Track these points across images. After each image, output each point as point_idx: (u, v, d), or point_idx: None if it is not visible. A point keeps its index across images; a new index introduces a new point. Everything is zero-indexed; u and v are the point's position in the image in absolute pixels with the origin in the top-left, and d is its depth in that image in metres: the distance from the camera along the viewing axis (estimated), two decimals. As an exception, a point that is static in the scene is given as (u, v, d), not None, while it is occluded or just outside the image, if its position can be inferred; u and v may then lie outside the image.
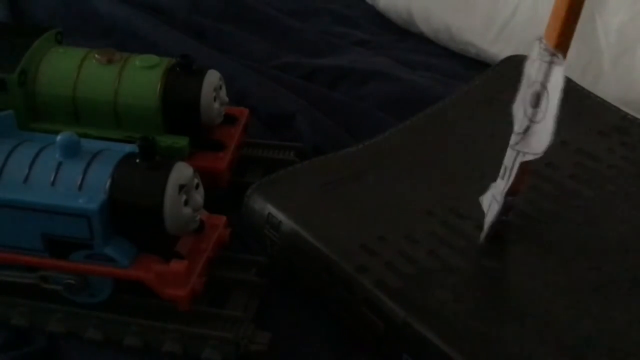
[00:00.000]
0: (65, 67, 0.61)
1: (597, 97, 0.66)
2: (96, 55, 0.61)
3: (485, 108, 0.65)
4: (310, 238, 0.52)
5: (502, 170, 0.50)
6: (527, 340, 0.46)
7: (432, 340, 0.46)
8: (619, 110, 0.65)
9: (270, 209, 0.55)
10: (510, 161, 0.49)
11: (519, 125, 0.48)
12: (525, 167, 0.48)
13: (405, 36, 0.93)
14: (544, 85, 0.45)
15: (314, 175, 0.58)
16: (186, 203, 0.49)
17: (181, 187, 0.49)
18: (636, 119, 0.64)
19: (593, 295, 0.49)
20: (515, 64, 0.70)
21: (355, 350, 0.52)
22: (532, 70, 0.46)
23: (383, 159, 0.60)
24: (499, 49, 0.81)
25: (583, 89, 0.67)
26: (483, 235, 0.52)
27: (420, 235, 0.53)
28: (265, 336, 0.51)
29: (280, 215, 0.54)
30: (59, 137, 0.50)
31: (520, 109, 0.47)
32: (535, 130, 0.47)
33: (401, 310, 0.48)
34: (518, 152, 0.48)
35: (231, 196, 0.60)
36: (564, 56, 0.44)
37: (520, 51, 0.72)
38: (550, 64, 0.45)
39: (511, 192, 0.50)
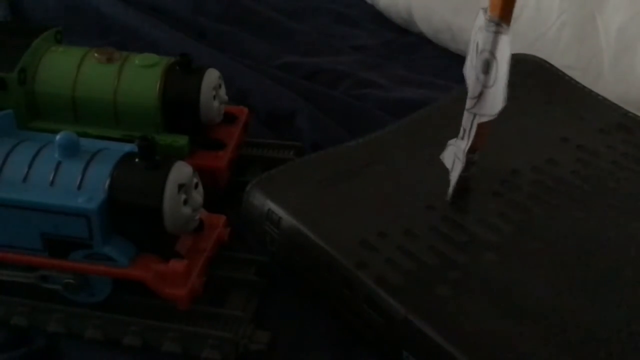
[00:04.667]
0: (65, 66, 0.61)
1: (597, 94, 0.67)
2: (95, 54, 0.61)
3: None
4: (310, 234, 0.52)
5: (461, 132, 0.53)
6: (529, 336, 0.46)
7: (433, 337, 0.46)
8: (619, 107, 0.65)
9: (270, 204, 0.55)
10: (468, 123, 0.52)
11: (472, 90, 0.51)
12: (481, 127, 0.51)
13: (405, 36, 0.92)
14: (492, 54, 0.49)
15: (313, 170, 0.58)
16: (185, 202, 0.49)
17: (180, 187, 0.49)
18: (637, 116, 0.64)
19: (594, 291, 0.49)
20: (517, 63, 0.70)
21: (356, 349, 0.52)
22: (480, 39, 0.49)
23: (383, 153, 0.59)
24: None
25: (584, 87, 0.68)
26: (450, 191, 0.54)
27: (420, 230, 0.52)
28: (264, 335, 0.51)
29: (280, 211, 0.54)
30: (58, 137, 0.50)
31: (472, 74, 0.51)
32: (488, 95, 0.50)
33: (401, 307, 0.48)
34: (474, 115, 0.51)
35: (230, 195, 0.60)
36: (508, 25, 0.47)
37: (523, 51, 0.72)
38: (496, 33, 0.48)
39: (471, 150, 0.53)
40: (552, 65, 0.70)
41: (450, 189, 0.54)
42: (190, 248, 0.52)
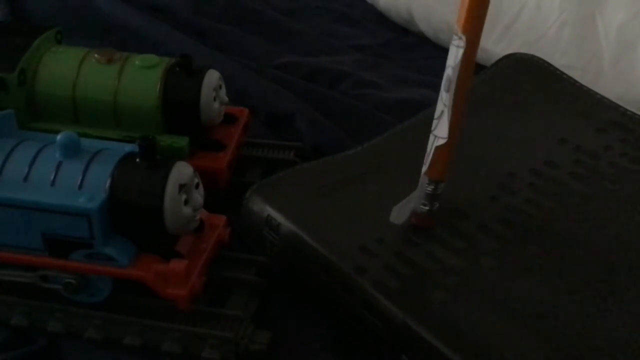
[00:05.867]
0: (65, 67, 0.61)
1: (595, 93, 0.66)
2: (96, 55, 0.61)
3: (485, 107, 0.65)
4: (309, 240, 0.52)
5: (425, 156, 0.50)
6: (526, 341, 0.46)
7: (431, 342, 0.46)
8: (617, 106, 0.65)
9: (270, 210, 0.55)
10: (430, 146, 0.49)
11: (437, 110, 0.48)
12: (440, 152, 0.48)
13: (405, 36, 0.93)
14: (454, 70, 0.46)
15: (313, 177, 0.58)
16: (186, 202, 0.49)
17: (181, 187, 0.49)
18: (635, 114, 0.64)
19: (594, 293, 0.49)
20: (515, 62, 0.70)
21: (355, 351, 0.52)
22: (448, 55, 0.46)
23: (382, 160, 0.60)
24: (502, 49, 0.81)
25: (582, 86, 0.67)
26: (400, 219, 0.51)
27: (418, 236, 0.53)
28: (265, 336, 0.51)
29: (279, 217, 0.54)
30: (59, 137, 0.50)
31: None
32: (445, 115, 0.47)
33: (400, 311, 0.48)
34: (435, 137, 0.48)
35: (231, 196, 0.60)
36: (470, 40, 0.44)
37: (523, 51, 0.72)
38: (458, 48, 0.45)
39: (434, 180, 0.50)
40: (551, 65, 0.70)
41: (400, 215, 0.51)
42: (190, 248, 0.52)
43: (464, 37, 0.44)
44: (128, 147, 0.52)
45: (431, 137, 0.49)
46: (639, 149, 0.60)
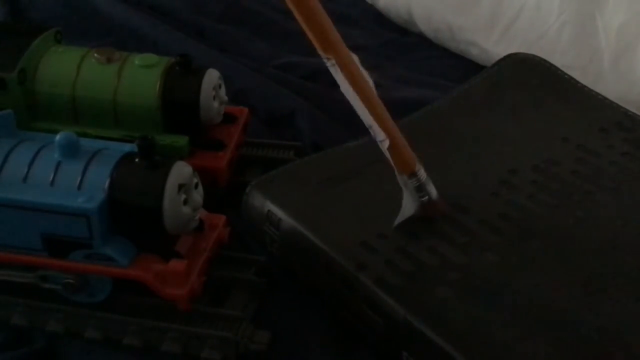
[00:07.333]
0: (65, 66, 0.61)
1: (598, 94, 0.67)
2: (95, 55, 0.61)
3: (485, 106, 0.65)
4: (310, 235, 0.52)
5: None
6: (528, 338, 0.46)
7: (432, 338, 0.46)
8: (619, 107, 0.65)
9: (270, 206, 0.55)
10: (384, 152, 0.52)
11: (365, 122, 0.51)
12: (393, 151, 0.51)
13: (405, 36, 0.92)
14: (344, 85, 0.51)
15: (313, 172, 0.58)
16: (185, 202, 0.49)
17: (180, 187, 0.49)
18: (637, 115, 0.64)
19: (594, 291, 0.49)
20: (516, 62, 0.70)
21: (355, 350, 0.52)
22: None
23: (382, 154, 0.59)
24: (502, 49, 0.81)
25: (584, 86, 0.68)
26: (398, 220, 0.52)
27: (420, 231, 0.52)
28: (264, 335, 0.51)
29: (279, 213, 0.54)
30: (58, 137, 0.50)
31: None
32: (371, 122, 0.50)
33: (401, 308, 0.48)
34: (380, 142, 0.51)
35: (230, 195, 0.60)
36: (338, 56, 0.50)
37: (523, 51, 0.72)
38: (334, 67, 0.50)
39: (408, 174, 0.51)
40: (552, 65, 0.70)
41: (399, 219, 0.53)
42: (190, 248, 0.52)
43: (332, 57, 0.49)
44: (127, 147, 0.52)
45: (380, 146, 0.51)
46: (640, 149, 0.61)
